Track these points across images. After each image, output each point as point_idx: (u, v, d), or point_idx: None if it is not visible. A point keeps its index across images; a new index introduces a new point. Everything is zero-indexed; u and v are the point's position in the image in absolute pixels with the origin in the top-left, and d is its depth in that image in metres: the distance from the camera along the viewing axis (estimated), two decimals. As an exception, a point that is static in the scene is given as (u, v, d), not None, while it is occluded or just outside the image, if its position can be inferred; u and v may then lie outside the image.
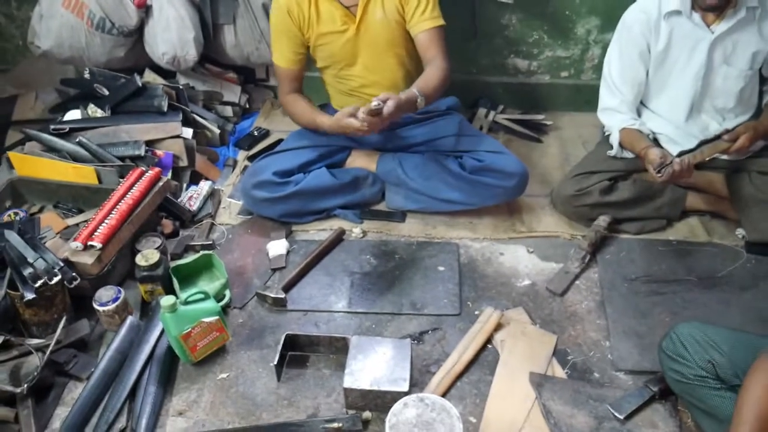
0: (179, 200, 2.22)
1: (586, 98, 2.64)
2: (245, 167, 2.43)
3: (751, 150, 2.01)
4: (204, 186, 2.28)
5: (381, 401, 1.53)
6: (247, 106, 2.75)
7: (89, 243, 1.82)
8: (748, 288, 1.90)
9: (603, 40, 2.53)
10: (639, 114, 2.14)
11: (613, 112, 2.10)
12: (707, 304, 1.86)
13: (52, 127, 2.28)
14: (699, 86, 2.02)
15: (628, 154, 2.08)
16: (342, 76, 2.19)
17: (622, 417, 1.55)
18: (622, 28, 2.05)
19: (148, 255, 1.84)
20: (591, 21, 2.50)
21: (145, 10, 2.37)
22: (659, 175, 1.84)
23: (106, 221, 1.88)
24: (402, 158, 2.21)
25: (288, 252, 2.06)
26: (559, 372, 1.68)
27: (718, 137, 1.91)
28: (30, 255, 1.74)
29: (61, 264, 1.75)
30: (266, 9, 2.43)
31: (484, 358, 1.72)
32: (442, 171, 2.12)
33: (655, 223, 2.11)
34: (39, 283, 1.69)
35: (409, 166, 2.18)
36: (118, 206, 1.93)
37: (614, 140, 2.08)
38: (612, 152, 2.10)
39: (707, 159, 1.91)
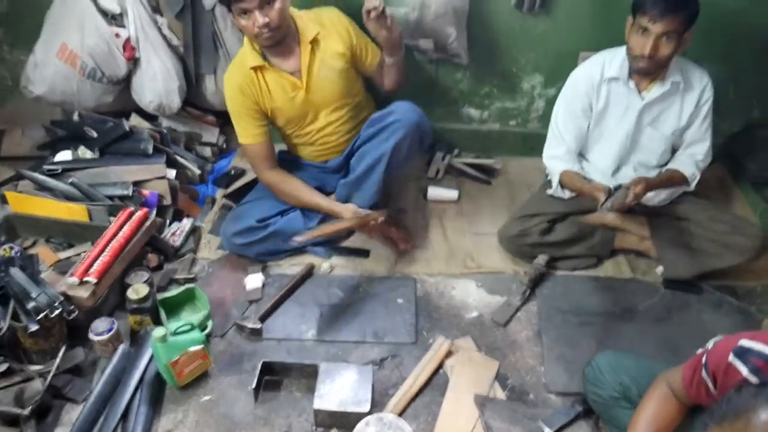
0: (163, 236, 2.42)
1: (532, 145, 2.93)
2: (223, 204, 2.65)
3: (656, 200, 2.32)
4: (186, 223, 2.49)
5: (346, 420, 1.77)
6: (225, 146, 2.97)
7: (85, 278, 2.03)
8: (663, 320, 2.19)
9: (546, 95, 2.83)
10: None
11: (557, 161, 2.36)
12: (628, 334, 2.14)
13: (46, 167, 2.47)
14: (628, 144, 2.33)
15: (565, 195, 2.37)
16: (299, 131, 2.41)
17: (552, 431, 1.82)
18: (569, 85, 2.33)
19: (138, 289, 2.05)
20: (535, 78, 2.79)
21: (134, 62, 2.58)
22: (605, 204, 2.10)
23: (100, 258, 2.08)
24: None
25: (263, 285, 2.29)
26: (500, 394, 1.94)
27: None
28: (33, 290, 1.94)
29: (61, 298, 1.95)
30: (245, 61, 2.67)
31: (436, 381, 1.97)
32: (357, 153, 2.33)
33: (587, 261, 2.40)
34: (41, 315, 1.89)
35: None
36: (111, 244, 2.13)
37: (554, 181, 2.35)
38: (551, 191, 2.38)
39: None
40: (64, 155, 2.57)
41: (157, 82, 2.58)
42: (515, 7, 2.57)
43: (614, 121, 2.32)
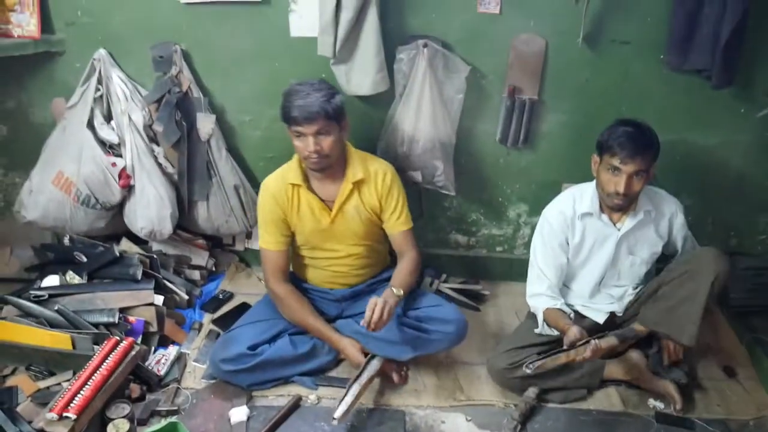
0: (147, 364, 2.38)
1: (518, 270, 2.95)
2: (210, 330, 2.63)
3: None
4: (172, 351, 2.45)
5: None
6: (214, 269, 2.98)
7: (64, 414, 1.96)
8: (658, 457, 2.16)
9: (531, 222, 2.91)
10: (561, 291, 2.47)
11: (540, 296, 2.38)
12: (622, 473, 2.10)
13: (32, 293, 2.45)
14: (606, 272, 2.40)
15: (553, 332, 2.38)
16: (313, 254, 2.46)
17: None
18: (544, 223, 2.40)
19: (119, 425, 1.99)
20: (521, 207, 2.89)
21: (128, 189, 2.64)
22: (571, 350, 2.12)
23: (81, 392, 2.02)
24: (356, 318, 2.46)
25: (249, 418, 2.22)
26: None
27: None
28: (10, 428, 1.88)
29: (38, 437, 1.89)
30: (237, 189, 2.73)
31: None
32: (391, 324, 2.32)
33: (576, 393, 2.36)
34: (16, 456, 1.82)
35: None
36: (93, 377, 2.08)
37: (540, 320, 2.37)
38: (538, 330, 2.40)
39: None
40: (52, 280, 2.57)
41: (150, 210, 2.62)
42: (499, 142, 2.70)
43: (592, 252, 2.39)
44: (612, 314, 2.41)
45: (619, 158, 2.13)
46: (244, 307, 2.73)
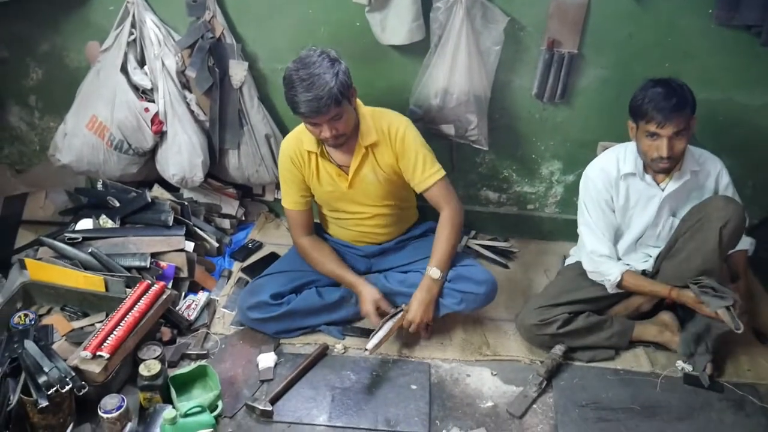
0: (178, 309, 2.42)
1: (549, 229, 2.96)
2: (239, 278, 2.66)
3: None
4: (202, 296, 2.49)
5: None
6: (243, 218, 3.00)
7: (98, 353, 2.01)
8: (684, 419, 2.13)
9: (565, 181, 2.86)
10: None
11: (605, 259, 2.30)
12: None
13: (66, 235, 2.49)
14: (645, 232, 2.34)
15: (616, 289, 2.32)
16: (333, 211, 2.45)
17: None
18: (588, 183, 2.32)
19: (150, 365, 2.02)
20: (554, 164, 2.83)
21: (160, 135, 2.64)
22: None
23: (114, 332, 2.07)
24: (386, 274, 2.47)
25: (276, 364, 2.26)
26: (515, 493, 1.88)
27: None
28: (46, 364, 1.92)
29: (72, 373, 1.93)
30: (268, 138, 2.72)
31: (449, 476, 1.92)
32: (421, 278, 2.33)
33: (604, 353, 2.35)
34: (52, 391, 1.86)
35: (393, 279, 2.44)
36: (125, 318, 2.13)
37: (615, 281, 2.26)
38: (612, 290, 2.31)
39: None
40: (86, 224, 2.60)
41: (182, 156, 2.63)
42: (535, 97, 2.64)
43: (635, 213, 2.33)
44: (643, 271, 2.36)
45: (656, 122, 2.05)
46: (273, 257, 2.76)
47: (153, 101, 2.61)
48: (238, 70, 2.60)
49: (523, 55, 2.58)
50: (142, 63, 2.62)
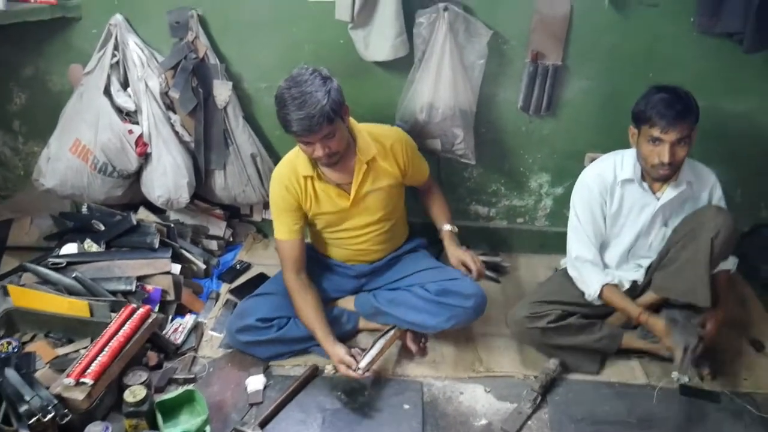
0: (165, 333, 2.37)
1: (540, 242, 2.94)
2: (227, 300, 2.62)
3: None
4: (189, 319, 2.44)
5: None
6: (231, 239, 2.97)
7: (81, 379, 1.96)
8: (682, 430, 2.10)
9: (554, 193, 2.84)
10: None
11: (589, 265, 2.29)
12: (645, 446, 2.05)
13: (51, 260, 2.46)
14: (637, 241, 2.32)
15: (598, 301, 2.30)
16: (331, 232, 2.39)
17: None
18: (582, 188, 2.30)
19: (135, 391, 1.98)
20: (542, 177, 2.82)
21: (145, 157, 2.62)
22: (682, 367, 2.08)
23: (98, 358, 2.02)
24: (375, 293, 2.44)
25: (265, 387, 2.21)
26: None
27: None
28: (27, 392, 1.87)
29: (55, 401, 1.88)
30: (254, 158, 2.70)
31: (444, 497, 1.87)
32: (410, 297, 2.32)
33: (590, 364, 2.31)
34: (33, 420, 1.81)
35: (382, 298, 2.40)
36: (110, 343, 2.08)
37: (594, 293, 2.26)
38: (590, 299, 2.30)
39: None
40: (70, 248, 2.57)
41: (167, 178, 2.60)
42: (521, 109, 2.63)
43: (628, 221, 2.31)
44: (634, 282, 2.34)
45: (659, 127, 2.04)
46: (261, 278, 2.72)
47: (137, 123, 2.59)
48: (222, 90, 2.59)
49: (507, 68, 2.58)
50: (125, 85, 2.61)
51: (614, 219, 2.31)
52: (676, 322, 2.14)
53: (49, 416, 1.83)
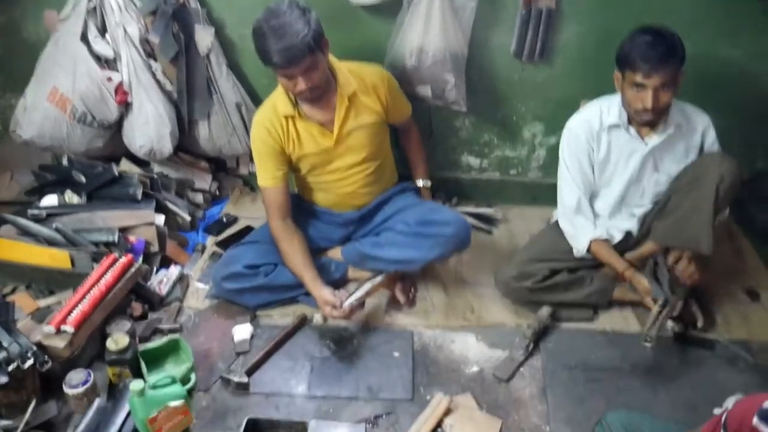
0: (149, 284, 2.32)
1: (533, 194, 2.88)
2: (213, 252, 2.56)
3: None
4: (174, 271, 2.39)
5: (336, 483, 1.63)
6: (217, 193, 2.90)
7: (62, 327, 1.91)
8: (676, 377, 2.07)
9: (547, 143, 2.78)
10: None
11: (580, 217, 2.26)
12: (638, 391, 2.02)
13: (30, 212, 2.38)
14: (629, 189, 2.26)
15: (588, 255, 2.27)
16: (316, 175, 2.34)
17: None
18: (569, 134, 2.25)
19: (118, 339, 1.93)
20: (536, 126, 2.75)
21: (126, 106, 2.53)
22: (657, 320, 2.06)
23: (79, 306, 1.97)
24: (361, 240, 2.41)
25: (252, 336, 2.17)
26: (503, 455, 1.81)
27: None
28: (5, 339, 1.83)
29: (34, 348, 1.83)
30: (239, 107, 2.62)
31: (434, 441, 1.84)
32: (393, 235, 2.28)
33: (583, 313, 2.29)
34: (12, 367, 1.76)
35: (366, 243, 2.36)
36: (91, 292, 2.03)
37: (582, 247, 2.24)
38: (578, 254, 2.27)
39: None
40: (50, 200, 2.50)
41: (149, 127, 2.52)
42: (514, 56, 2.55)
43: (617, 168, 2.25)
44: (628, 232, 2.29)
45: (642, 72, 1.96)
46: (248, 230, 2.66)
47: (117, 71, 2.50)
48: (204, 36, 2.50)
49: (499, 11, 2.49)
50: (103, 31, 2.50)
51: (602, 166, 2.25)
52: (660, 282, 2.12)
53: (29, 363, 1.79)
